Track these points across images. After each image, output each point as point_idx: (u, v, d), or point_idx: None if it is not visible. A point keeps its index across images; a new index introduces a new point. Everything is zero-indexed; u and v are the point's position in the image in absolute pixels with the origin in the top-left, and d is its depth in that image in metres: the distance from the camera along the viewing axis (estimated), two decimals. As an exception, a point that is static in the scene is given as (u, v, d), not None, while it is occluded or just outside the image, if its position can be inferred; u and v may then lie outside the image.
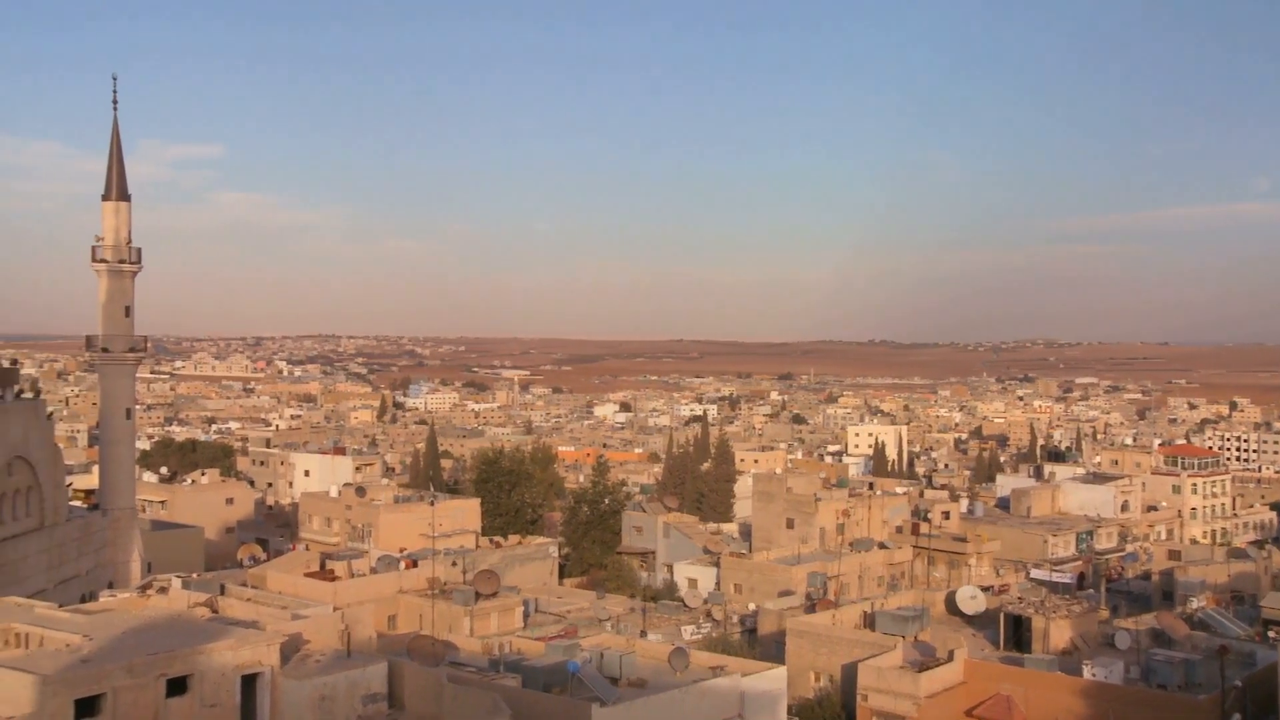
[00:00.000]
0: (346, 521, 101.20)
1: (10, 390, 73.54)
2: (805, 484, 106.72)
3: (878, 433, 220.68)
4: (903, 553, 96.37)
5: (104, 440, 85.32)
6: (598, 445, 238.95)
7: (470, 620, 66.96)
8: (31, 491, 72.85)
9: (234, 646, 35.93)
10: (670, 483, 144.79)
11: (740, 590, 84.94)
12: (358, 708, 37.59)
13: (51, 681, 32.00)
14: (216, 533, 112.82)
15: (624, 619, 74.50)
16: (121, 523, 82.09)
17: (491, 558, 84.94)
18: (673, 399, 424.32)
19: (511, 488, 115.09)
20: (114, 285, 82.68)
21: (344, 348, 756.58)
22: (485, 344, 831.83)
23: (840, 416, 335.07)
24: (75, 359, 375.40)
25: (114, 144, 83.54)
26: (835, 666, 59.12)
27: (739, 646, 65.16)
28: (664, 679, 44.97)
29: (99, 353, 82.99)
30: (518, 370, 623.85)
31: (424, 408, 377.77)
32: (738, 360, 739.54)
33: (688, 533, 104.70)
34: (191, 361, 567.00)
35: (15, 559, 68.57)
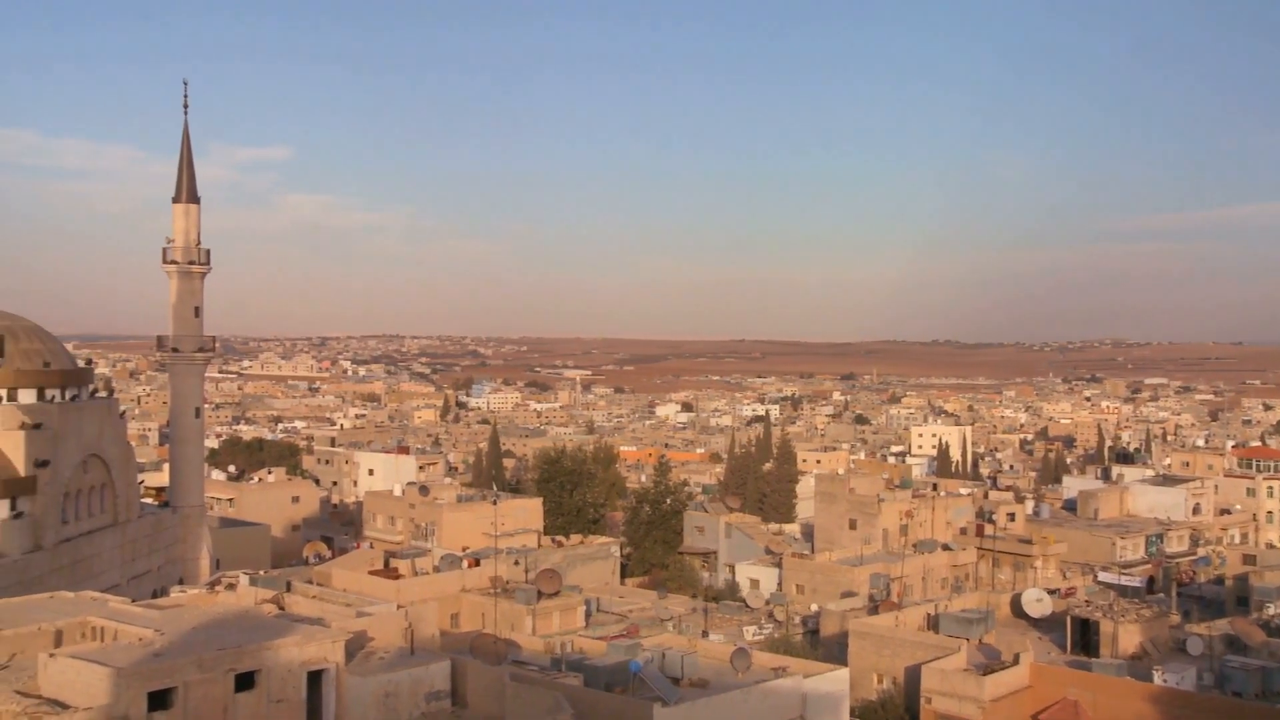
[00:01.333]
0: (410, 520, 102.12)
1: (85, 390, 75.09)
2: (868, 485, 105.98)
3: (941, 433, 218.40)
4: (967, 554, 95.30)
5: (174, 439, 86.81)
6: (659, 445, 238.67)
7: (532, 619, 67.24)
8: (105, 489, 74.33)
9: (300, 643, 36.37)
10: (732, 483, 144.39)
11: (802, 591, 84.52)
12: (421, 705, 37.90)
13: (126, 674, 32.61)
14: (282, 530, 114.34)
15: (686, 619, 74.42)
16: (191, 520, 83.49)
17: (553, 557, 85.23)
18: (735, 399, 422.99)
19: (573, 487, 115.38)
20: (184, 286, 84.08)
21: (408, 348, 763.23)
22: (547, 344, 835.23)
23: (903, 417, 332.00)
24: (147, 359, 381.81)
25: (184, 147, 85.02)
26: (898, 669, 58.59)
27: (801, 648, 64.80)
28: (726, 679, 44.84)
29: (169, 352, 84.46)
30: (580, 370, 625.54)
31: (486, 407, 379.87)
32: (800, 360, 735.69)
33: (749, 533, 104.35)
34: (258, 361, 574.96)
35: (90, 554, 69.98)
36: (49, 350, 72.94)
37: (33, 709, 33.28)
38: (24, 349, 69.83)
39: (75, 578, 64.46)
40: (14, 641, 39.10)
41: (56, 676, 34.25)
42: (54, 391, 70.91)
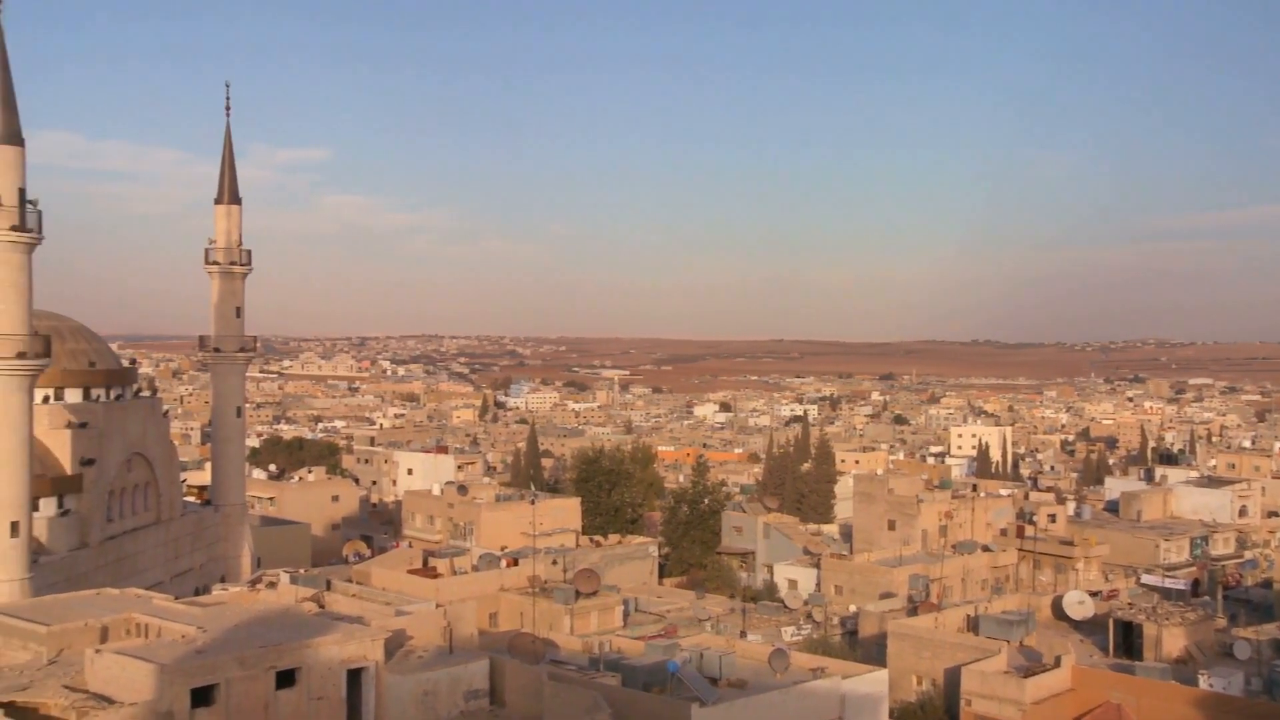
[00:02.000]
0: (449, 519, 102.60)
1: (129, 389, 76.00)
2: (907, 485, 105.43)
3: (981, 434, 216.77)
4: (1007, 556, 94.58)
5: (216, 438, 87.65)
6: (697, 445, 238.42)
7: (570, 619, 67.38)
8: (149, 487, 75.20)
9: (340, 641, 36.60)
10: (770, 483, 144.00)
11: (841, 592, 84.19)
12: (460, 704, 38.04)
13: (169, 671, 32.95)
14: (322, 529, 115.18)
15: (724, 619, 74.35)
16: (232, 518, 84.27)
17: (591, 556, 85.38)
18: (773, 399, 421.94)
19: (611, 487, 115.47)
20: (225, 287, 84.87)
21: (446, 348, 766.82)
22: (586, 344, 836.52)
23: (943, 417, 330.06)
24: (189, 358, 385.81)
25: (226, 149, 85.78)
26: (938, 670, 58.22)
27: (840, 648, 64.58)
28: (764, 680, 44.74)
29: (211, 352, 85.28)
30: (618, 370, 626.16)
31: (525, 407, 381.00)
32: (839, 360, 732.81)
33: (788, 533, 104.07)
34: (299, 361, 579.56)
35: (134, 552, 70.81)
36: (94, 350, 73.87)
37: (80, 703, 33.72)
38: (70, 349, 70.75)
39: (120, 575, 65.26)
40: (62, 637, 39.64)
41: (103, 672, 34.68)
42: (99, 391, 71.82)
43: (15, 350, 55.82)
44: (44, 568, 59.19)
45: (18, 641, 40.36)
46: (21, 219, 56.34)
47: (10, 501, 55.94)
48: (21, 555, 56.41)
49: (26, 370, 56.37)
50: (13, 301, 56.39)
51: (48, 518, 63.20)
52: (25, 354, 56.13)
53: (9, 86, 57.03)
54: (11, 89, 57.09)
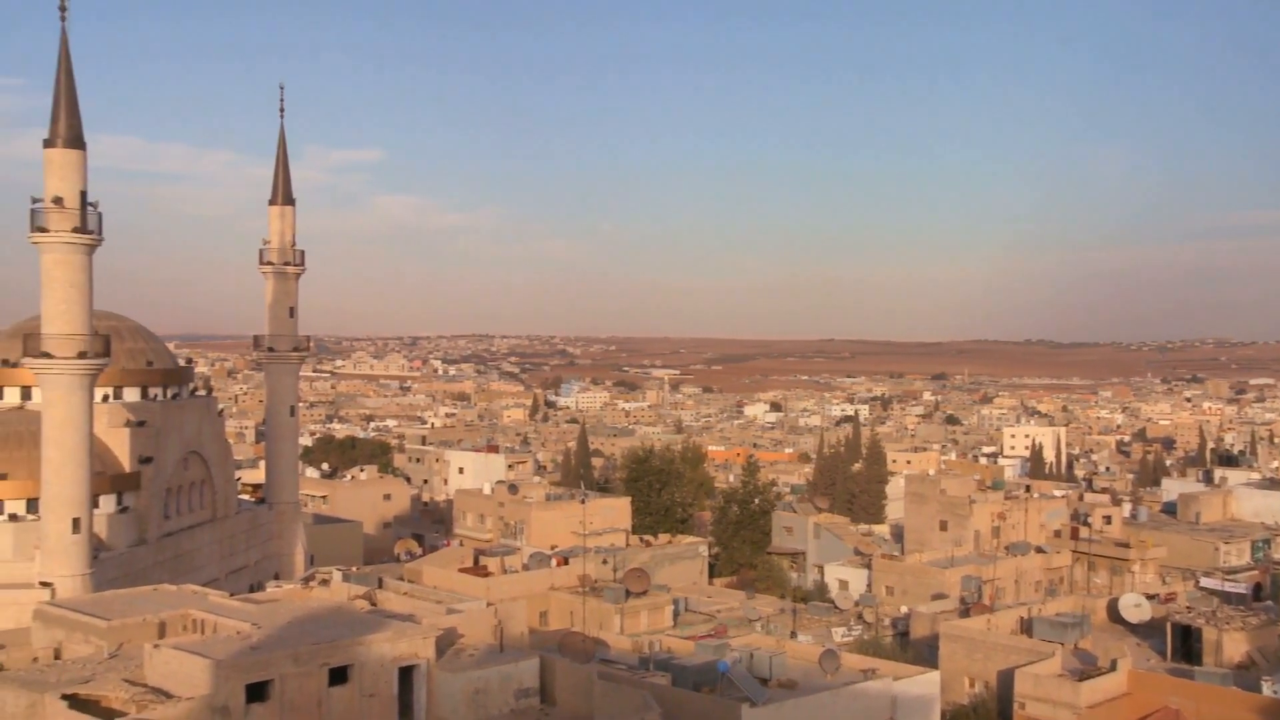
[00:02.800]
0: (499, 518, 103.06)
1: (185, 388, 77.09)
2: (959, 485, 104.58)
3: (1035, 434, 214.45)
4: (1061, 557, 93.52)
5: (270, 436, 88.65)
6: (748, 445, 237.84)
7: (620, 618, 67.46)
8: (205, 485, 76.22)
9: (392, 639, 36.88)
10: (821, 483, 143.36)
11: (892, 593, 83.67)
12: (510, 702, 38.19)
13: (225, 666, 33.38)
14: (374, 527, 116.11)
15: (774, 619, 74.12)
16: (286, 516, 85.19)
17: (642, 556, 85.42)
18: (824, 399, 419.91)
19: (662, 487, 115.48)
20: (279, 287, 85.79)
21: (497, 347, 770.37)
22: (636, 343, 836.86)
23: (995, 417, 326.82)
24: (244, 358, 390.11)
25: (280, 150, 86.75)
26: (991, 672, 57.67)
27: (891, 650, 64.16)
28: (814, 681, 44.56)
29: (265, 352, 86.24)
30: (668, 370, 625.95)
31: (575, 406, 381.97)
32: (890, 360, 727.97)
33: (838, 534, 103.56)
34: (351, 360, 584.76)
35: (191, 549, 71.78)
36: (152, 350, 74.98)
37: (139, 697, 34.27)
38: (128, 348, 71.87)
39: (177, 571, 66.21)
40: (121, 631, 40.32)
41: (161, 666, 35.19)
42: (156, 390, 72.89)
43: (76, 350, 56.83)
44: (104, 563, 60.17)
45: (80, 635, 41.10)
46: (83, 221, 57.37)
47: (71, 498, 56.98)
48: (83, 551, 57.44)
49: (87, 369, 57.37)
50: (74, 302, 57.43)
51: (107, 514, 64.22)
52: (86, 353, 57.14)
53: (72, 91, 58.06)
54: (74, 94, 58.12)
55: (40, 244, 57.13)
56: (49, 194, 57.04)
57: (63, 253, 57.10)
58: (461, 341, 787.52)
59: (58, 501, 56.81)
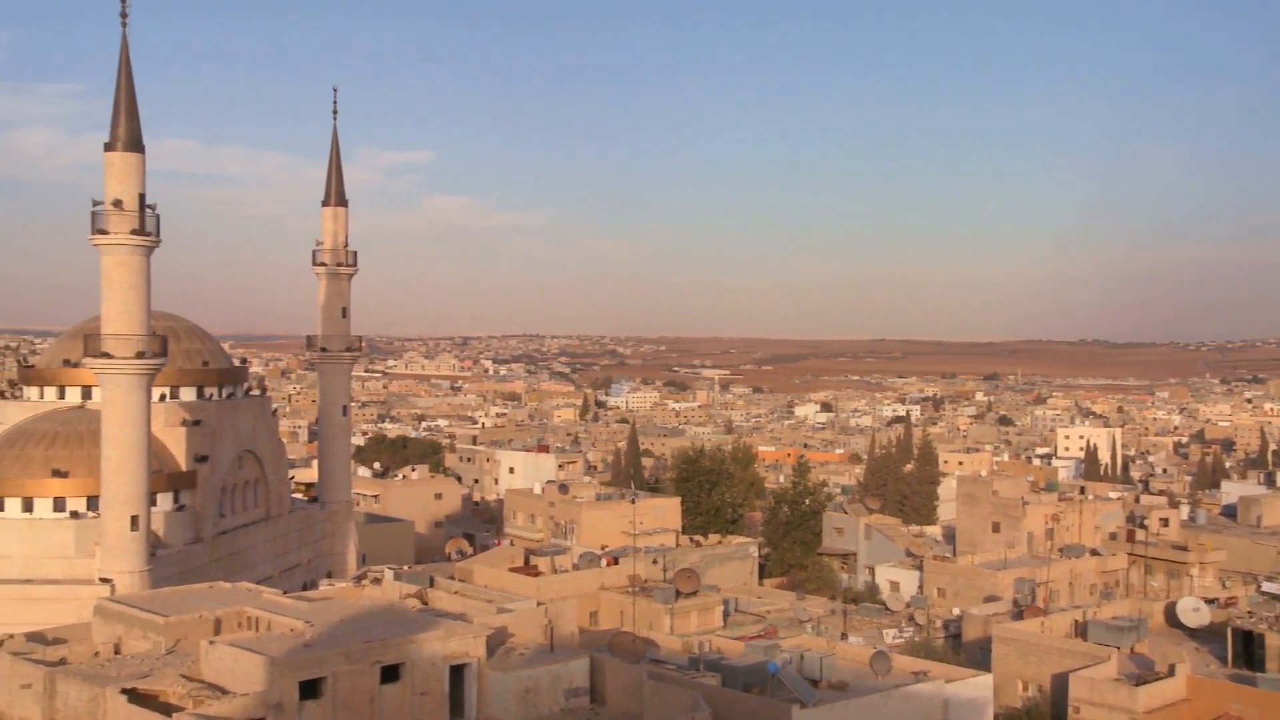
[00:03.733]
0: (550, 518, 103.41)
1: (240, 388, 78.05)
2: (1012, 487, 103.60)
3: (1089, 435, 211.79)
4: (1117, 560, 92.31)
5: (322, 436, 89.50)
6: (798, 445, 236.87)
7: (670, 618, 67.43)
8: (259, 484, 77.12)
9: (443, 637, 37.12)
10: (872, 484, 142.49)
11: (944, 594, 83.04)
12: (560, 701, 38.30)
13: (279, 663, 33.77)
14: (425, 526, 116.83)
15: (824, 620, 73.78)
16: (339, 515, 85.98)
17: (692, 556, 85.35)
18: (875, 399, 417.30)
19: (712, 487, 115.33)
20: (332, 287, 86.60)
21: (548, 347, 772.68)
22: (686, 343, 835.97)
23: (1049, 418, 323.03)
24: (297, 358, 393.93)
25: (333, 152, 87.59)
26: (1044, 676, 57.03)
27: (942, 652, 63.64)
28: (865, 682, 44.30)
29: (318, 352, 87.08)
30: (718, 370, 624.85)
31: (625, 406, 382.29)
32: (942, 360, 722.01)
33: (890, 535, 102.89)
34: (403, 360, 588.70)
35: (245, 547, 72.65)
36: (208, 350, 75.99)
37: (196, 692, 34.76)
38: (185, 349, 72.89)
39: (231, 569, 67.05)
40: (178, 628, 40.91)
41: (216, 663, 35.67)
42: (212, 389, 73.86)
43: (135, 350, 57.74)
44: (161, 560, 61.08)
45: (138, 631, 41.76)
46: (141, 223, 58.30)
47: (130, 496, 57.91)
48: (141, 548, 58.36)
49: (145, 369, 58.27)
50: (132, 303, 58.37)
51: (164, 512, 65.17)
52: (144, 353, 58.05)
53: (132, 96, 59.01)
54: (134, 98, 59.07)
55: (100, 246, 58.13)
56: (109, 197, 58.05)
57: (122, 254, 58.05)
58: (512, 341, 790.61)
59: (117, 499, 57.75)
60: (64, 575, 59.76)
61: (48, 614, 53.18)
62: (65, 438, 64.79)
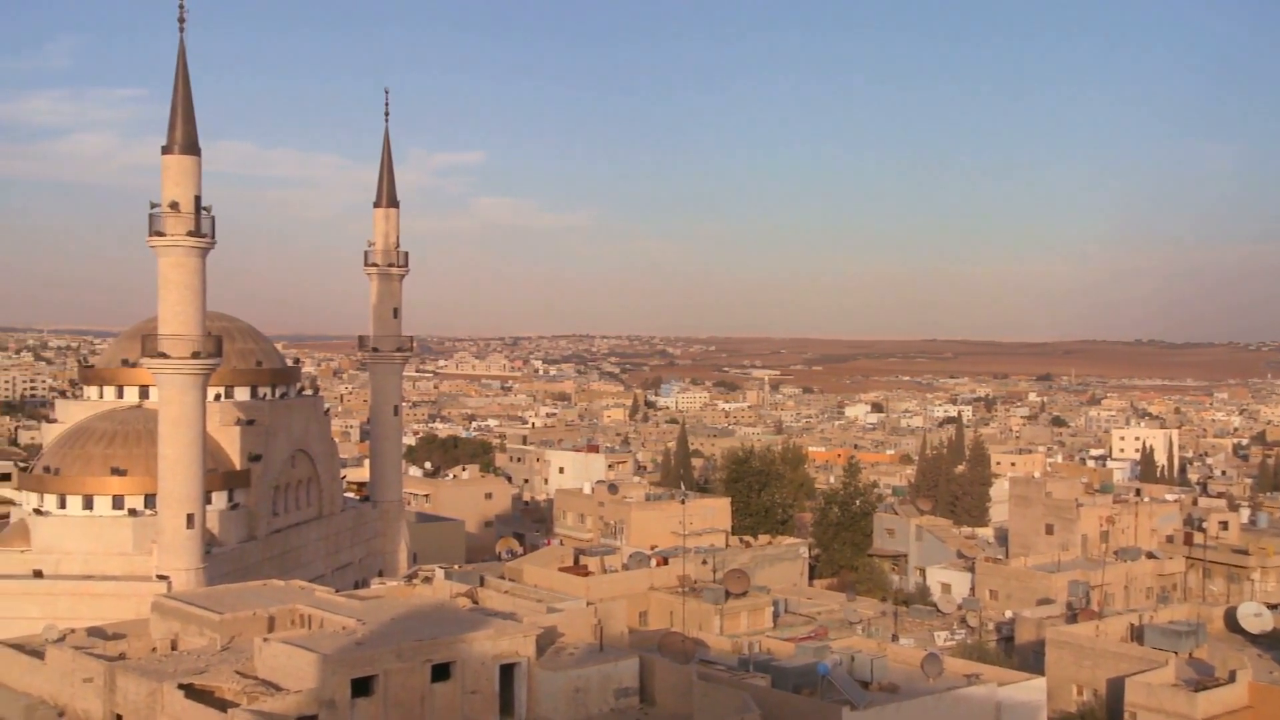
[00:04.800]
0: (599, 518, 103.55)
1: (293, 388, 78.84)
2: (1066, 488, 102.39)
3: (1145, 436, 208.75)
4: (1174, 564, 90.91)
5: (374, 435, 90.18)
6: (849, 446, 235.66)
7: (720, 619, 67.28)
8: (312, 482, 77.86)
9: (493, 636, 37.29)
10: (923, 485, 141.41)
11: (996, 596, 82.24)
12: (610, 700, 38.36)
13: (331, 661, 34.08)
14: (476, 526, 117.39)
15: (875, 622, 73.31)
16: (390, 514, 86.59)
17: (741, 557, 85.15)
18: (926, 400, 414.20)
19: (762, 487, 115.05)
20: (383, 288, 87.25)
21: (597, 347, 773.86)
22: (736, 343, 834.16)
23: (1104, 419, 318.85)
24: (349, 358, 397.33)
25: (385, 154, 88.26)
26: (1099, 680, 56.29)
27: (995, 655, 63.01)
28: (916, 685, 43.97)
29: (370, 352, 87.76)
30: (768, 370, 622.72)
31: (675, 407, 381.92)
32: (994, 360, 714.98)
33: (941, 536, 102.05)
34: (453, 360, 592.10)
35: (298, 545, 73.37)
36: (261, 350, 76.84)
37: (250, 689, 35.18)
38: (239, 349, 73.74)
39: (285, 567, 67.74)
40: (233, 625, 41.42)
41: (270, 660, 36.06)
42: (265, 389, 74.67)
43: (190, 350, 58.53)
44: (216, 558, 61.83)
45: (194, 628, 42.34)
46: (197, 225, 59.10)
47: (186, 494, 58.71)
48: (196, 546, 59.15)
49: (200, 369, 59.05)
50: (188, 303, 59.17)
51: (219, 511, 65.95)
52: (199, 354, 58.82)
53: (189, 100, 59.83)
54: (191, 102, 59.89)
55: (157, 247, 59.00)
56: (166, 199, 58.90)
57: (178, 256, 58.87)
58: (562, 342, 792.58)
59: (173, 497, 58.57)
60: (123, 572, 60.66)
61: (107, 610, 54.05)
62: (124, 436, 65.76)
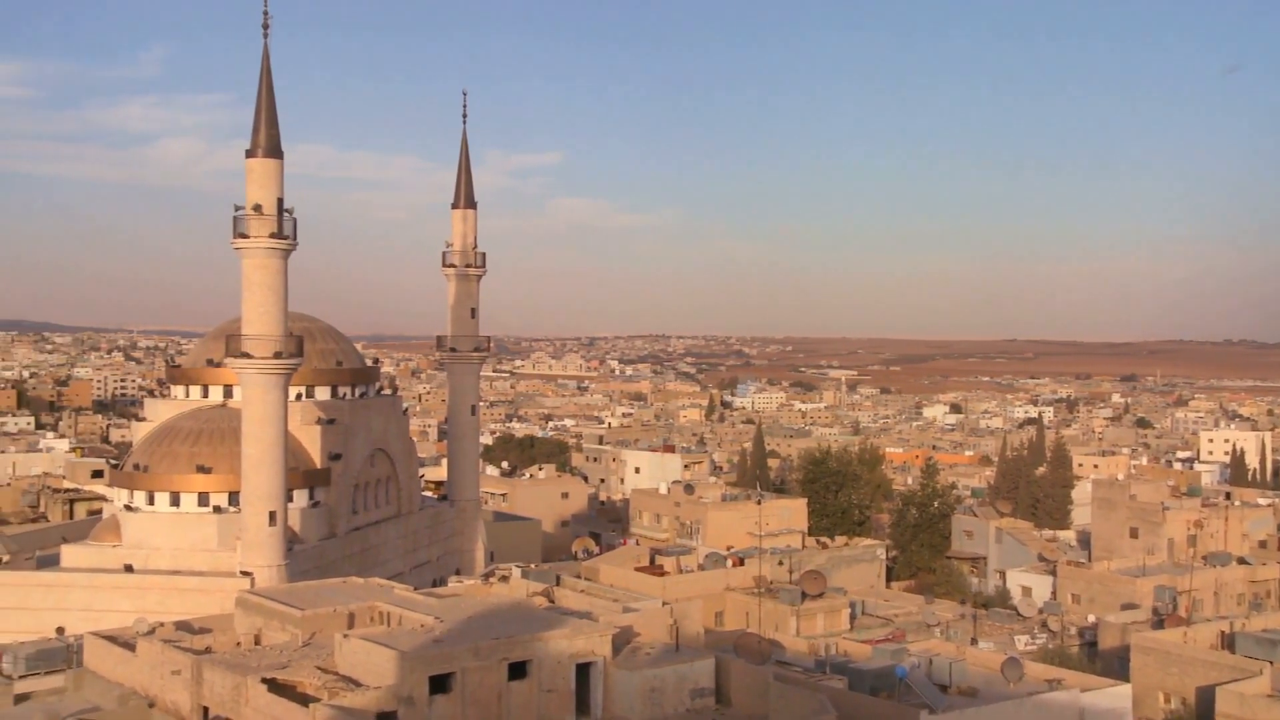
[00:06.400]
0: (675, 518, 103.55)
1: (372, 387, 79.87)
2: (1151, 491, 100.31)
3: (1235, 438, 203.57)
4: (1268, 570, 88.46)
5: (452, 435, 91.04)
6: (927, 447, 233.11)
7: (796, 620, 66.92)
8: (390, 481, 78.80)
9: (570, 636, 37.42)
10: (1003, 487, 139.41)
11: (1078, 601, 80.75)
12: (686, 701, 38.30)
13: (410, 658, 34.45)
14: (552, 525, 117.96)
15: (953, 625, 72.39)
16: (467, 513, 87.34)
17: (818, 558, 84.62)
18: (1006, 400, 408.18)
19: (838, 488, 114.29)
20: (461, 288, 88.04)
21: (673, 347, 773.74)
22: (812, 344, 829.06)
23: (1191, 421, 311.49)
24: (427, 358, 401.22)
25: (462, 155, 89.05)
26: (1188, 689, 54.98)
27: (1077, 660, 61.92)
28: (996, 689, 43.32)
29: (448, 352, 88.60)
30: (845, 370, 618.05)
31: (751, 407, 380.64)
32: (1076, 360, 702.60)
33: (1021, 539, 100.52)
34: (530, 360, 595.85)
35: (377, 543, 74.29)
36: (341, 350, 77.93)
37: (331, 684, 35.70)
38: (320, 349, 74.85)
39: (364, 564, 68.61)
40: (314, 621, 42.06)
41: (350, 656, 36.55)
42: (345, 389, 75.71)
43: (272, 350, 59.55)
44: (297, 555, 62.83)
45: (276, 623, 43.06)
46: (279, 227, 60.12)
47: (268, 492, 59.74)
48: (279, 543, 60.15)
49: (282, 369, 60.05)
50: (270, 304, 60.21)
51: (300, 508, 67.02)
52: (281, 354, 59.81)
53: (272, 104, 60.90)
54: (274, 106, 60.96)
55: (241, 249, 60.13)
56: (249, 202, 60.00)
57: (261, 257, 59.93)
58: (638, 342, 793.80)
59: (256, 495, 59.63)
60: (208, 567, 61.93)
61: (193, 604, 55.28)
62: (208, 435, 67.10)
